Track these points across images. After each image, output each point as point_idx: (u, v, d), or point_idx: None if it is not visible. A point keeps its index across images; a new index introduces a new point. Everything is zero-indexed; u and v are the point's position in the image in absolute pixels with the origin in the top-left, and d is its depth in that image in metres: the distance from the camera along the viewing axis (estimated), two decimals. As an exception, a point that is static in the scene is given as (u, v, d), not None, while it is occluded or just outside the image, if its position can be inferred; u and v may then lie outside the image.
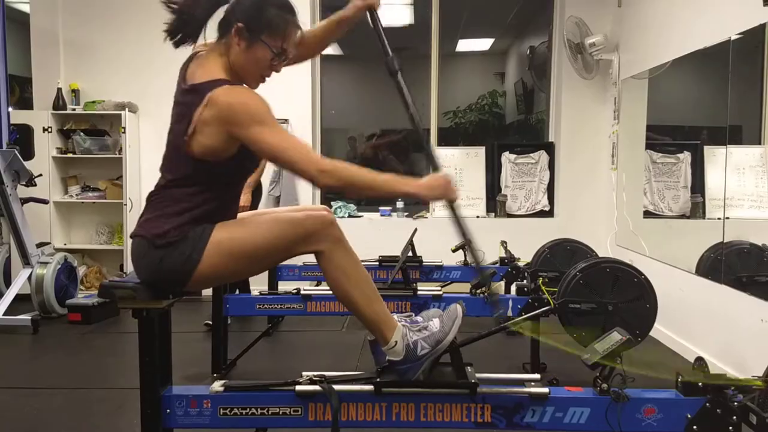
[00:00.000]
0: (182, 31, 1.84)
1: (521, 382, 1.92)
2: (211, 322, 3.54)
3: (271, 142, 1.74)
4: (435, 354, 1.85)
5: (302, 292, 3.27)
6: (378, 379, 1.86)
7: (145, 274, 1.84)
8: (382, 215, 5.51)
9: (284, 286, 3.72)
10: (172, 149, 1.83)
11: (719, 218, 3.46)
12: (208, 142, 1.75)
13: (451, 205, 1.94)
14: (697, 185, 3.97)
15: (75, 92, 5.40)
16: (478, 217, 5.43)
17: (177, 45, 1.86)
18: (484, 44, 8.61)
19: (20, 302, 4.42)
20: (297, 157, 1.74)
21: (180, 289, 1.86)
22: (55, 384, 3.29)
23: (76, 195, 5.43)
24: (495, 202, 5.47)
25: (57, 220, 5.39)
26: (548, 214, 5.47)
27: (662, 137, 4.50)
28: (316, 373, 1.90)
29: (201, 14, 1.83)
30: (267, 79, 1.92)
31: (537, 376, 1.98)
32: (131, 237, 1.88)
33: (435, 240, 3.80)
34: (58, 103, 5.30)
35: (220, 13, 1.86)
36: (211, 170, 1.80)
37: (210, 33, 1.89)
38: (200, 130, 1.74)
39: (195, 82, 1.79)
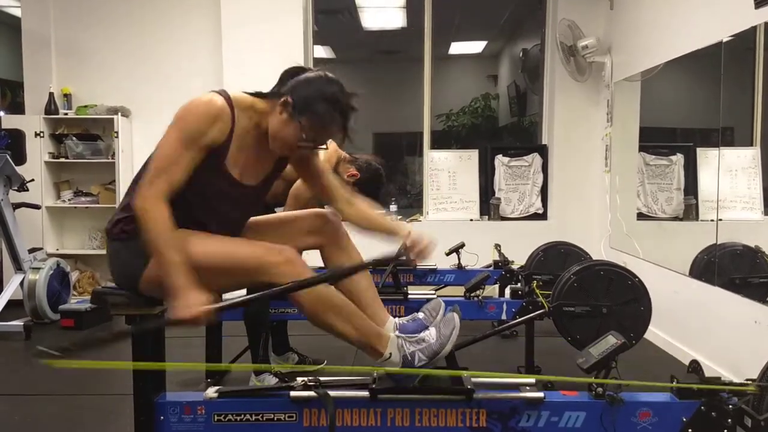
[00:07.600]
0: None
1: (516, 387, 1.92)
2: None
3: (160, 147, 1.75)
4: (432, 365, 1.84)
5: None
6: (374, 385, 1.85)
7: (109, 270, 1.87)
8: (375, 218, 5.48)
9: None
10: None
11: (712, 220, 3.47)
12: None
13: (174, 323, 1.69)
14: (690, 187, 3.99)
15: (67, 96, 5.36)
16: (471, 220, 5.43)
17: None
18: (476, 47, 8.64)
19: (12, 308, 4.39)
20: (149, 173, 1.73)
21: (135, 291, 1.82)
22: (47, 390, 3.26)
23: (69, 200, 5.39)
24: (488, 205, 5.47)
25: (49, 225, 5.35)
26: (542, 216, 5.47)
27: (655, 139, 4.51)
28: (310, 378, 1.89)
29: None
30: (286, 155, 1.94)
31: (532, 380, 1.97)
32: None
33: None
34: (50, 108, 5.26)
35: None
36: None
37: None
38: None
39: None
